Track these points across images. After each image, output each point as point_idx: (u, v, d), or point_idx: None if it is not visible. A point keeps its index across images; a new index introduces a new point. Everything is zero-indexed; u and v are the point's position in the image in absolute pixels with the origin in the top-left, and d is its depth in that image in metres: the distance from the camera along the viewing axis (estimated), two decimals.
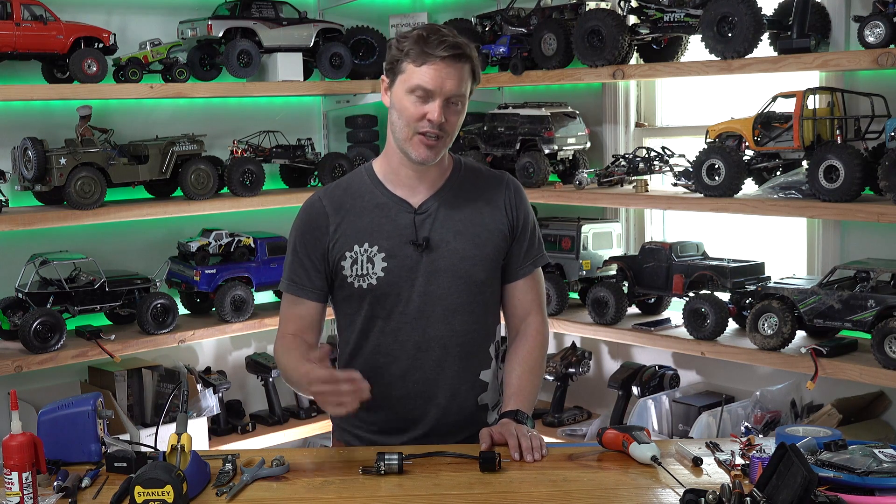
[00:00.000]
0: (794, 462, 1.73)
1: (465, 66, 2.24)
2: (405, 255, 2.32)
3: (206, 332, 3.96)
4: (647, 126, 4.10)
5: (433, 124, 2.23)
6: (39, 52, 3.56)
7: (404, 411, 2.38)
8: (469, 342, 2.38)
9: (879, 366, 3.00)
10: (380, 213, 2.35)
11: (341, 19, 4.41)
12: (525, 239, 2.43)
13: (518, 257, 2.42)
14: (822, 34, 3.31)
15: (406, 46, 2.22)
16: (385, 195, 2.36)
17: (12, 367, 3.42)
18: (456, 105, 2.26)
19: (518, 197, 2.44)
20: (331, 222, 2.35)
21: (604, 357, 4.23)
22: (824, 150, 3.09)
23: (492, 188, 2.42)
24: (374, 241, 2.32)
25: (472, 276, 2.35)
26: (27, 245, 3.71)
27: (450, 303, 2.34)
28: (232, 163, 3.99)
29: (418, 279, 2.32)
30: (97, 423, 2.19)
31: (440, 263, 2.33)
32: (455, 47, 2.21)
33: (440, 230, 2.34)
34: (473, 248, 2.35)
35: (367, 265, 2.32)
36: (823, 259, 3.47)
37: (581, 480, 2.08)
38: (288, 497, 2.01)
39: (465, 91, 2.27)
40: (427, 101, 2.23)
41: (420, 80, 2.21)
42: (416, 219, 2.34)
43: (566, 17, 3.83)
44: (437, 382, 2.37)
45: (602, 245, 3.95)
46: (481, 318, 2.39)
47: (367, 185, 2.38)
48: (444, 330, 2.35)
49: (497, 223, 2.39)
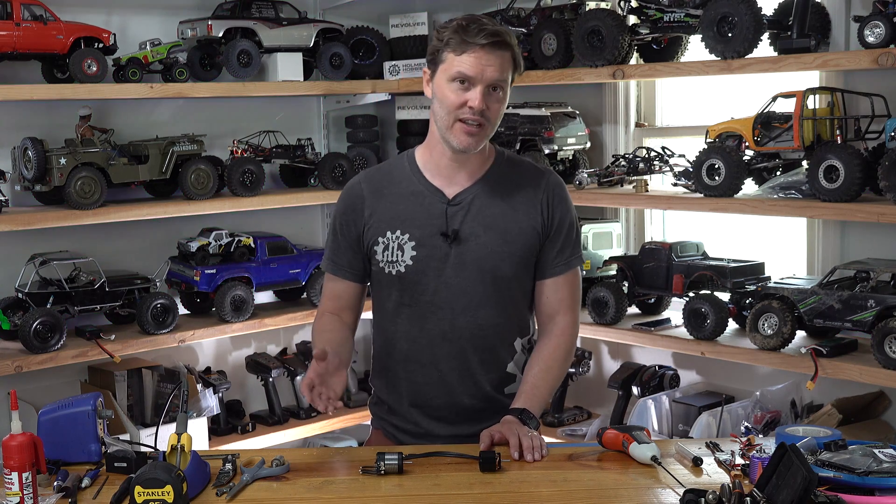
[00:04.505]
0: (794, 462, 1.73)
1: (505, 54, 2.25)
2: (434, 245, 2.34)
3: (206, 332, 3.95)
4: (647, 126, 4.10)
5: (474, 111, 2.24)
6: (39, 52, 3.56)
7: (427, 396, 2.41)
8: (494, 335, 2.40)
9: (879, 366, 3.00)
10: (414, 201, 2.37)
11: (341, 19, 4.41)
12: (560, 239, 2.42)
13: (550, 256, 2.42)
14: (822, 34, 3.31)
15: (446, 36, 2.26)
16: (422, 183, 2.38)
17: (12, 367, 3.42)
18: (497, 92, 2.27)
19: (557, 196, 2.43)
20: (366, 206, 2.39)
21: (604, 357, 4.23)
22: (824, 150, 3.09)
23: (531, 184, 2.42)
24: (405, 229, 2.35)
25: (498, 271, 2.36)
26: (27, 245, 3.71)
27: (475, 295, 2.35)
28: (232, 163, 3.99)
29: (446, 270, 2.34)
30: (97, 423, 2.20)
31: (468, 256, 2.34)
32: (495, 35, 2.23)
33: (471, 223, 2.35)
34: (502, 244, 2.36)
35: (398, 252, 2.35)
36: (823, 259, 3.47)
37: (581, 480, 2.08)
38: (288, 497, 2.01)
39: (507, 78, 2.28)
40: (468, 88, 2.24)
41: (461, 68, 2.23)
42: (449, 210, 2.35)
43: (566, 17, 3.83)
44: (460, 372, 2.39)
45: (602, 245, 3.95)
46: (507, 313, 2.40)
47: (407, 172, 2.41)
48: (468, 321, 2.36)
49: (530, 220, 2.39)
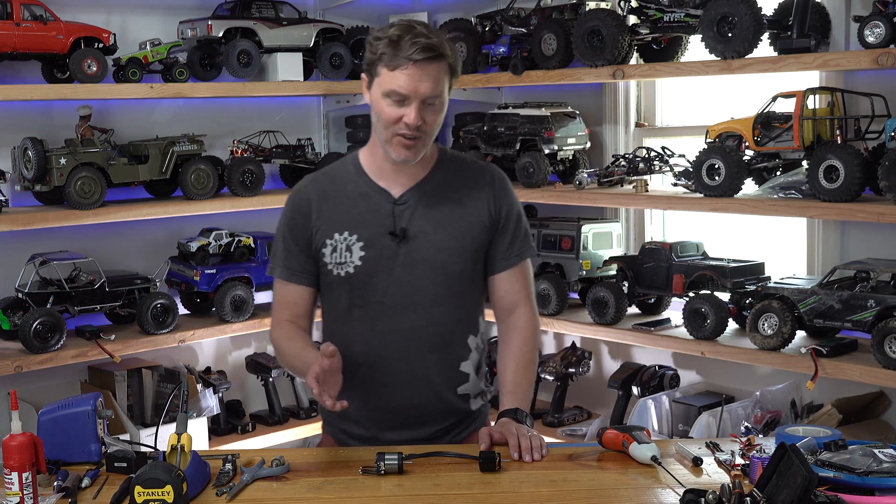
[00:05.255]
0: (794, 462, 1.73)
1: (440, 66, 2.23)
2: (383, 245, 2.33)
3: (206, 332, 3.96)
4: (647, 126, 4.10)
5: (410, 127, 2.23)
6: (39, 52, 3.56)
7: (381, 399, 2.38)
8: (447, 333, 2.39)
9: (879, 366, 3.00)
10: (361, 202, 2.36)
11: (341, 19, 4.42)
12: (508, 231, 2.42)
13: (501, 249, 2.42)
14: (822, 34, 3.31)
15: (379, 49, 2.22)
16: (367, 185, 2.38)
17: (12, 367, 3.42)
18: (433, 105, 2.25)
19: (502, 189, 2.43)
20: (314, 209, 2.37)
21: (604, 357, 4.23)
22: (824, 150, 3.09)
23: (475, 180, 2.42)
24: (353, 230, 2.34)
25: (449, 268, 2.36)
26: (27, 245, 3.71)
27: (427, 293, 2.35)
28: (232, 163, 3.99)
29: (395, 269, 2.33)
30: (97, 423, 2.20)
31: (417, 255, 2.33)
32: (428, 49, 2.19)
33: (419, 221, 2.34)
34: (452, 240, 2.36)
35: (346, 253, 2.34)
36: (823, 259, 3.47)
37: (581, 480, 2.08)
38: (288, 497, 2.01)
39: (443, 90, 2.25)
40: (403, 104, 2.22)
41: (394, 86, 2.21)
42: (396, 209, 2.35)
43: (566, 17, 3.83)
44: (414, 373, 2.37)
45: (602, 245, 3.95)
46: (460, 310, 2.40)
47: (352, 174, 2.40)
48: (421, 320, 2.35)
49: (478, 215, 2.39)
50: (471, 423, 2.48)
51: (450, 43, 2.26)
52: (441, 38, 2.23)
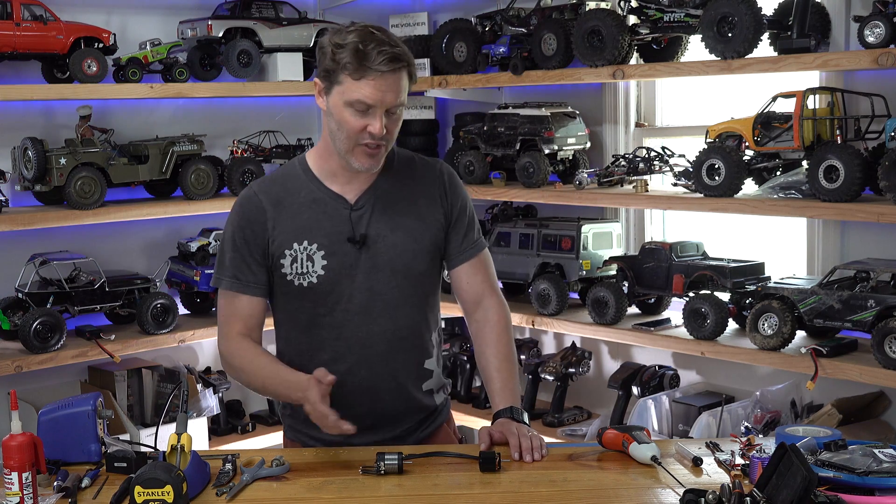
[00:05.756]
0: (794, 462, 1.73)
1: (403, 74, 2.22)
2: (344, 252, 2.31)
3: (206, 332, 3.95)
4: (647, 126, 4.10)
5: (375, 137, 2.22)
6: (39, 52, 3.56)
7: (349, 406, 2.30)
8: (412, 334, 2.38)
9: (879, 366, 3.00)
10: (317, 209, 2.33)
11: (341, 19, 4.41)
12: (463, 224, 2.42)
13: (457, 242, 2.42)
14: (822, 34, 3.31)
15: (343, 59, 2.18)
16: (321, 191, 2.34)
17: (12, 367, 3.42)
18: (395, 112, 2.25)
19: (452, 185, 2.43)
20: (268, 218, 2.32)
21: (604, 357, 4.23)
22: (824, 150, 3.09)
23: (426, 177, 2.41)
24: (312, 239, 2.31)
25: (411, 270, 2.35)
26: (27, 245, 3.71)
27: (392, 297, 2.33)
28: (232, 163, 3.99)
29: (358, 276, 2.31)
30: (97, 423, 2.19)
31: (379, 259, 2.32)
32: (394, 60, 2.18)
33: (376, 225, 2.33)
34: (411, 242, 2.35)
35: (307, 263, 2.30)
36: (823, 259, 3.47)
37: (581, 480, 2.08)
38: (288, 497, 2.01)
39: (404, 98, 2.25)
40: (366, 114, 2.21)
41: (360, 96, 2.19)
42: (353, 215, 2.32)
43: (566, 17, 3.83)
44: (382, 376, 2.36)
45: (602, 245, 3.95)
46: (422, 310, 2.39)
47: (303, 179, 2.36)
48: (388, 324, 2.34)
49: (433, 213, 2.39)
50: (436, 417, 2.47)
51: (406, 48, 2.25)
52: (402, 46, 2.23)
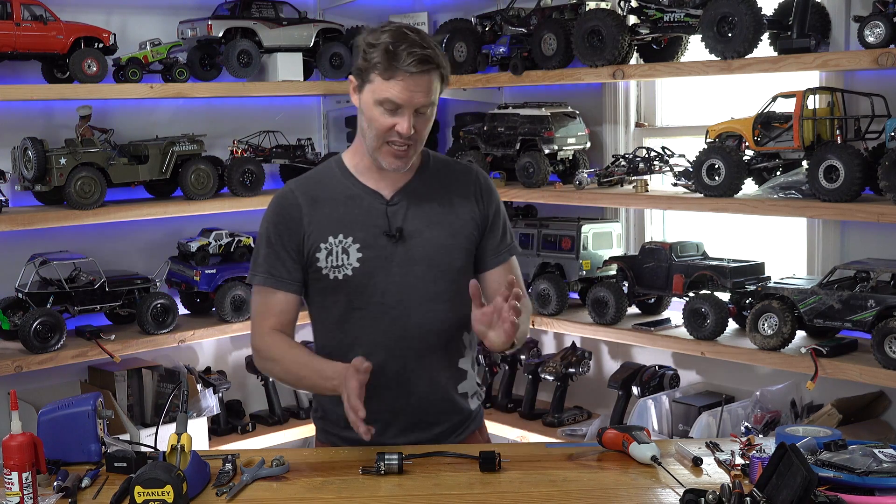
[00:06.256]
0: (794, 462, 1.73)
1: (433, 75, 2.23)
2: (380, 245, 2.32)
3: (206, 332, 3.96)
4: (647, 126, 4.09)
5: (403, 136, 2.23)
6: (39, 52, 3.56)
7: (384, 402, 2.34)
8: (446, 330, 2.39)
9: (879, 366, 3.00)
10: (352, 204, 2.35)
11: (341, 19, 4.42)
12: (497, 229, 2.45)
13: (493, 245, 2.44)
14: (822, 34, 3.31)
15: (374, 58, 2.20)
16: (356, 186, 2.37)
17: (12, 367, 3.42)
18: (424, 113, 2.26)
19: (487, 188, 2.46)
20: (304, 214, 2.34)
21: (604, 357, 4.23)
22: (824, 150, 3.09)
23: (461, 179, 2.44)
24: (348, 232, 2.32)
25: (449, 265, 2.36)
26: (27, 245, 3.71)
27: (427, 291, 2.34)
28: (232, 163, 3.99)
29: (394, 269, 2.32)
30: (97, 423, 2.20)
31: (415, 253, 2.33)
32: (424, 61, 2.19)
33: (413, 220, 2.34)
34: (448, 237, 2.37)
35: (343, 256, 2.32)
36: (823, 259, 3.47)
37: (581, 480, 2.08)
38: (288, 497, 2.01)
39: (435, 98, 2.26)
40: (395, 113, 2.22)
41: (388, 95, 2.20)
42: (389, 210, 2.34)
43: (566, 17, 3.83)
44: (417, 372, 2.36)
45: (602, 245, 3.95)
46: (456, 306, 2.39)
47: (338, 177, 2.39)
48: (422, 319, 2.35)
49: (469, 212, 2.40)
50: (469, 423, 2.48)
51: (440, 50, 2.26)
52: (434, 48, 2.23)
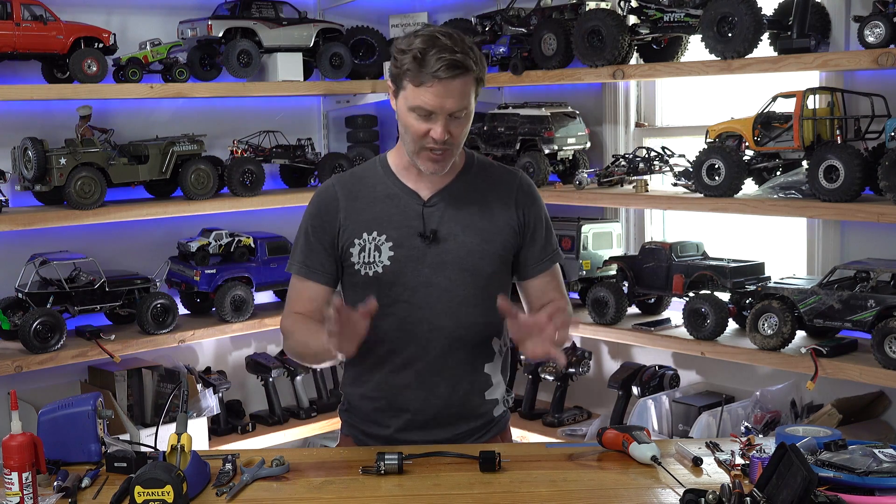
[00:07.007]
0: (794, 462, 1.73)
1: (466, 79, 2.20)
2: (412, 245, 2.33)
3: (206, 332, 3.95)
4: (647, 126, 4.10)
5: (437, 142, 2.23)
6: (39, 52, 3.56)
7: (407, 401, 2.37)
8: (474, 335, 2.38)
9: (879, 366, 3.00)
10: (389, 202, 2.36)
11: (341, 19, 4.42)
12: (540, 237, 2.43)
13: (534, 254, 2.42)
14: (822, 34, 3.31)
15: (404, 65, 2.18)
16: (396, 186, 2.37)
17: (12, 367, 3.42)
18: (459, 117, 2.24)
19: (530, 195, 2.44)
20: (341, 208, 2.36)
21: (604, 357, 4.23)
22: (824, 150, 3.09)
23: (503, 184, 2.42)
24: (382, 230, 2.34)
25: (479, 270, 2.35)
26: (27, 245, 3.71)
27: (455, 295, 2.34)
28: (232, 163, 3.99)
29: (425, 270, 2.33)
30: (97, 423, 2.19)
31: (447, 256, 2.33)
32: (453, 66, 2.16)
33: (448, 223, 2.34)
34: (482, 243, 2.36)
35: (374, 253, 2.33)
36: (823, 259, 3.47)
37: (581, 480, 2.08)
38: (288, 497, 2.01)
39: (469, 102, 2.24)
40: (429, 118, 2.21)
41: (420, 102, 2.19)
42: (425, 211, 2.35)
43: (566, 17, 3.83)
44: (440, 373, 2.37)
45: (602, 245, 3.95)
46: (485, 312, 2.38)
47: (380, 174, 2.40)
48: (449, 321, 2.35)
49: (507, 219, 2.39)
50: (491, 428, 2.47)
51: (474, 53, 2.22)
52: (466, 52, 2.19)
